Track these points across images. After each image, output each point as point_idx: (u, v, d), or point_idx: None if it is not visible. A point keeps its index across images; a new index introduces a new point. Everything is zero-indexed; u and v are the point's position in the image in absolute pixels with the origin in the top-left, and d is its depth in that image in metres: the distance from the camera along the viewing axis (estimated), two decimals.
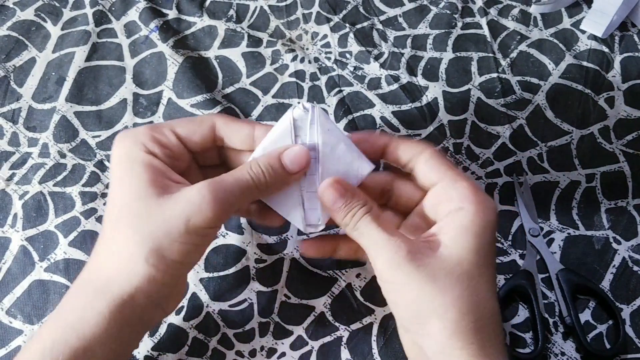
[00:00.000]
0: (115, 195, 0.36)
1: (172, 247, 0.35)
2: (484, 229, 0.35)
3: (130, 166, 0.36)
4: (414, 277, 0.34)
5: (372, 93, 0.56)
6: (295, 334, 0.46)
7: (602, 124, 0.54)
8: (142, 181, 0.35)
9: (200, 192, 0.34)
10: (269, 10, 0.61)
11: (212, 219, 0.35)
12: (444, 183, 0.37)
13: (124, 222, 0.35)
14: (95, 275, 0.36)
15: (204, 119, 0.39)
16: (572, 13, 0.60)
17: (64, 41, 0.58)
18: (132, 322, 0.36)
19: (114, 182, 0.37)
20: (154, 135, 0.37)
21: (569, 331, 0.45)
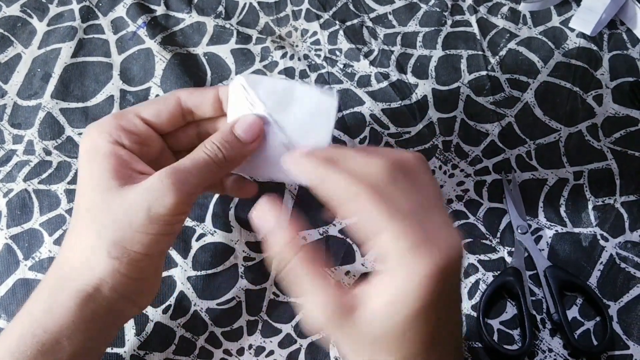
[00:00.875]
0: (80, 188, 0.36)
1: (135, 238, 0.34)
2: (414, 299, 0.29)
3: (94, 157, 0.35)
4: (342, 344, 0.32)
5: (361, 90, 0.56)
6: (283, 332, 0.45)
7: (590, 122, 0.54)
8: (105, 172, 0.35)
9: (160, 179, 0.34)
10: (258, 7, 0.60)
11: (175, 205, 0.34)
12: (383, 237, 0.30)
13: (86, 214, 0.35)
14: (61, 268, 0.36)
15: (167, 96, 0.39)
16: (561, 11, 0.60)
17: (50, 37, 0.58)
18: (100, 315, 0.35)
19: (79, 174, 0.37)
20: (120, 123, 0.37)
21: (557, 328, 0.45)
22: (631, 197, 0.50)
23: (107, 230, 0.34)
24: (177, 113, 0.39)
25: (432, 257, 0.29)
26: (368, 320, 0.30)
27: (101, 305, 0.35)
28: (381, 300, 0.30)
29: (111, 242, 0.34)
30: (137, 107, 0.38)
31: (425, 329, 0.30)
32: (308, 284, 0.32)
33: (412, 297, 0.29)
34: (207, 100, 0.39)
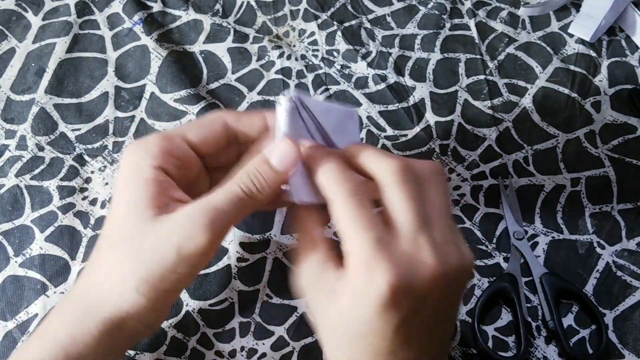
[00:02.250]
0: (114, 210, 0.35)
1: (163, 277, 0.33)
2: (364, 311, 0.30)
3: (135, 181, 0.34)
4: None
5: (359, 92, 0.55)
6: (276, 334, 0.45)
7: (588, 128, 0.54)
8: (143, 199, 0.33)
9: (191, 217, 0.32)
10: (255, 6, 0.60)
11: (205, 244, 0.32)
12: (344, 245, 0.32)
13: (117, 243, 0.34)
14: (87, 293, 0.35)
15: (215, 120, 0.38)
16: (561, 17, 0.60)
17: (45, 32, 0.57)
18: (120, 342, 0.36)
19: (115, 195, 0.35)
20: (166, 146, 0.35)
21: (552, 335, 0.44)
22: (628, 204, 0.50)
23: (138, 266, 0.33)
24: (223, 138, 0.38)
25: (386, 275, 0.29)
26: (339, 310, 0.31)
27: (123, 333, 0.35)
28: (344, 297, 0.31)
29: (140, 279, 0.33)
30: (184, 130, 0.37)
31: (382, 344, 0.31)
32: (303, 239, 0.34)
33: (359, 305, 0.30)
34: (255, 127, 0.38)
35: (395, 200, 0.31)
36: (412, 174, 0.32)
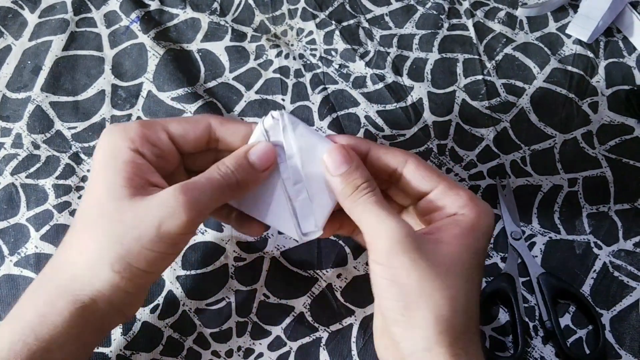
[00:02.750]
0: (91, 190, 0.35)
1: (140, 255, 0.33)
2: (483, 235, 0.35)
3: (112, 162, 0.34)
4: (418, 264, 0.32)
5: (357, 92, 0.55)
6: (273, 334, 0.45)
7: (585, 129, 0.54)
8: (119, 179, 0.34)
9: (174, 195, 0.33)
10: (254, 5, 0.60)
11: (186, 223, 0.33)
12: (438, 191, 0.36)
13: (94, 221, 0.34)
14: (59, 272, 0.34)
15: (199, 119, 0.38)
16: (558, 17, 0.60)
17: (41, 29, 0.57)
18: (92, 325, 0.35)
19: (92, 175, 0.35)
20: (145, 132, 0.36)
21: (549, 335, 0.44)
22: (625, 205, 0.50)
23: (114, 243, 0.33)
24: (203, 138, 0.38)
25: (487, 209, 0.36)
26: (450, 244, 0.34)
27: (95, 316, 0.34)
28: (454, 231, 0.34)
29: (116, 256, 0.33)
30: (166, 122, 0.37)
31: (480, 275, 0.35)
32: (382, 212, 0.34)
33: (480, 228, 0.35)
34: (238, 136, 0.38)
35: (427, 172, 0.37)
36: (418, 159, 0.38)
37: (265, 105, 0.54)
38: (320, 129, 0.53)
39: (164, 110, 0.53)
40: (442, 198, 0.36)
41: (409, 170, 0.37)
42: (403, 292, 0.33)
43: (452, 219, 0.35)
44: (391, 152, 0.38)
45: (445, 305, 0.32)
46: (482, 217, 0.35)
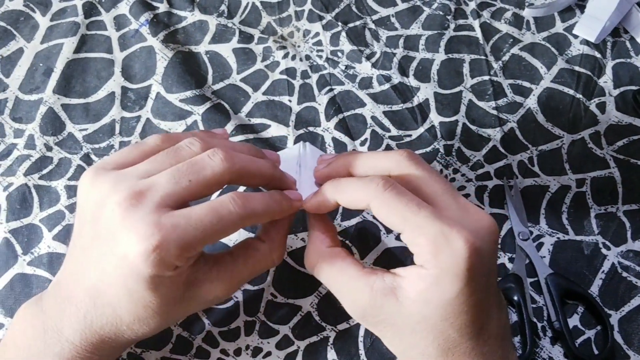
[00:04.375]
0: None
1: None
2: (452, 285, 0.31)
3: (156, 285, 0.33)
4: (381, 334, 0.35)
5: (363, 92, 0.55)
6: (281, 333, 0.45)
7: (593, 129, 0.54)
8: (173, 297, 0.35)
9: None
10: (260, 7, 0.60)
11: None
12: (405, 236, 0.33)
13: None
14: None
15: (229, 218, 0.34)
16: (565, 17, 0.60)
17: (53, 32, 0.57)
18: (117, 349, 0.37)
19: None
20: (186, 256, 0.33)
21: (557, 336, 0.44)
22: (634, 206, 0.50)
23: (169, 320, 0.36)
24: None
25: (454, 259, 0.31)
26: (407, 304, 0.32)
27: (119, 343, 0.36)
28: (418, 287, 0.32)
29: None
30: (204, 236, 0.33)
31: (466, 313, 0.32)
32: (349, 269, 0.35)
33: (447, 281, 0.31)
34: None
35: (421, 176, 0.34)
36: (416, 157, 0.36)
37: (272, 106, 0.54)
38: (327, 129, 0.53)
39: (173, 111, 0.54)
40: (408, 245, 0.33)
41: (374, 212, 0.34)
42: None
43: (418, 271, 0.32)
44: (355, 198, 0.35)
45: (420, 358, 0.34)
46: (447, 269, 0.31)
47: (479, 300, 0.32)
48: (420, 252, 0.32)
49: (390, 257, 0.47)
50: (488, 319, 0.33)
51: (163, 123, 0.53)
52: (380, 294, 0.33)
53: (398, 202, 0.33)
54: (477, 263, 0.31)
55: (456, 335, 0.32)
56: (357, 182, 0.35)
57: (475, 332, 0.33)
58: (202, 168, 0.34)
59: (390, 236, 0.48)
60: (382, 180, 0.33)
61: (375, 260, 0.47)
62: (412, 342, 0.33)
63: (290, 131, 0.53)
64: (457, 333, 0.32)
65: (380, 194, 0.33)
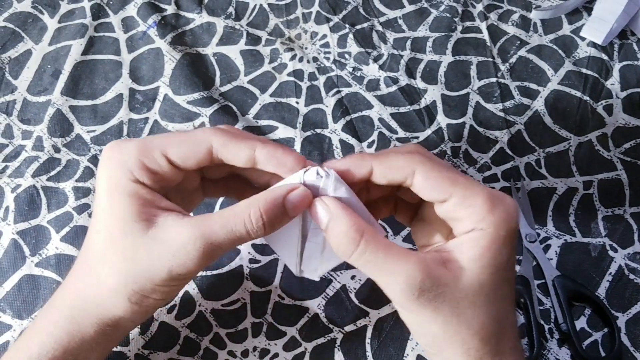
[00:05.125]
0: (101, 223, 0.35)
1: (154, 290, 0.34)
2: (504, 247, 0.32)
3: (116, 195, 0.34)
4: (439, 311, 0.32)
5: (370, 94, 0.55)
6: (288, 334, 0.45)
7: (600, 132, 0.54)
8: (128, 213, 0.33)
9: (185, 246, 0.32)
10: (268, 9, 0.60)
11: (197, 270, 0.34)
12: (452, 202, 0.33)
13: (109, 256, 0.34)
14: (78, 302, 0.35)
15: (199, 140, 0.35)
16: (572, 20, 0.60)
17: (61, 34, 0.58)
18: (114, 337, 0.37)
19: (99, 208, 0.35)
20: (143, 161, 0.34)
21: (565, 338, 0.44)
22: None
23: (129, 281, 0.34)
24: (206, 159, 0.35)
25: (507, 215, 0.32)
26: (468, 270, 0.32)
27: (116, 331, 0.37)
28: (473, 253, 0.32)
29: (132, 292, 0.34)
30: (164, 145, 0.35)
31: (509, 286, 0.33)
32: (394, 246, 0.32)
33: (502, 239, 0.32)
34: (242, 158, 0.35)
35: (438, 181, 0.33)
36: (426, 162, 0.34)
37: (279, 107, 0.55)
38: (334, 131, 0.53)
39: (180, 113, 0.54)
40: (457, 210, 0.33)
41: (417, 181, 0.33)
42: (430, 337, 0.33)
43: (470, 237, 0.32)
44: (395, 165, 0.34)
45: (473, 339, 0.32)
46: (501, 226, 0.32)
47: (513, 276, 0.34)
48: (474, 212, 0.32)
49: None
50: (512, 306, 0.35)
51: (171, 125, 0.53)
52: (436, 265, 0.32)
53: (444, 168, 0.34)
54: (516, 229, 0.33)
55: (509, 308, 0.33)
56: (398, 152, 0.35)
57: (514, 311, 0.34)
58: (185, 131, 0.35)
59: (398, 237, 0.48)
60: (424, 155, 0.34)
61: None
62: (470, 317, 0.32)
63: (297, 133, 0.53)
64: (510, 306, 0.34)
65: (427, 161, 0.33)
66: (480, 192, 0.32)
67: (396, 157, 0.34)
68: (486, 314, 0.32)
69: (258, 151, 0.34)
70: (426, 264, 0.31)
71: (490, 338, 0.32)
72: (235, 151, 0.34)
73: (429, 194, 0.33)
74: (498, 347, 0.33)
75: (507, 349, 0.33)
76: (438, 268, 0.32)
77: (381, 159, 0.34)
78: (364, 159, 0.34)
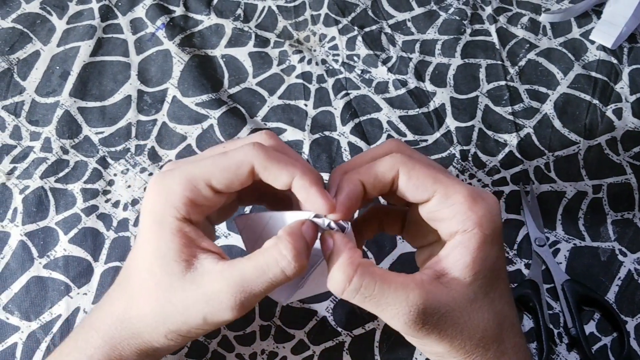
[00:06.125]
0: (143, 256, 0.35)
1: (189, 332, 0.35)
2: (492, 247, 0.32)
3: (160, 232, 0.34)
4: (443, 335, 0.32)
5: (379, 97, 0.55)
6: (296, 338, 0.45)
7: (609, 135, 0.53)
8: (170, 251, 0.33)
9: (219, 296, 0.32)
10: (277, 11, 0.60)
11: (230, 319, 0.33)
12: (435, 201, 0.33)
13: (150, 292, 0.34)
14: (120, 326, 0.35)
15: (240, 162, 0.34)
16: (582, 23, 0.60)
17: (69, 35, 0.58)
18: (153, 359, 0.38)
19: (143, 240, 0.35)
20: (189, 197, 0.34)
21: (574, 342, 0.44)
22: None
23: (167, 320, 0.34)
24: (248, 181, 0.35)
25: (489, 212, 0.32)
26: (456, 284, 0.32)
27: (155, 358, 0.37)
28: (463, 261, 0.32)
29: (168, 330, 0.34)
30: (207, 175, 0.34)
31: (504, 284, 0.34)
32: (390, 275, 0.32)
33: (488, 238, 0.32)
34: (279, 183, 0.35)
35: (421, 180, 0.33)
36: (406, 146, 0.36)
37: (288, 110, 0.55)
38: (343, 134, 0.53)
39: (189, 115, 0.54)
40: (440, 209, 0.33)
41: (401, 182, 0.34)
42: (437, 355, 0.34)
43: (456, 242, 0.32)
44: (380, 173, 0.34)
45: (478, 348, 0.33)
46: (485, 226, 0.32)
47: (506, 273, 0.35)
48: (457, 212, 0.32)
49: (406, 262, 0.47)
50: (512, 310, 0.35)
51: (179, 127, 0.53)
52: (433, 285, 0.32)
53: (426, 166, 0.34)
54: (501, 225, 0.33)
55: (506, 307, 0.34)
56: (377, 154, 0.35)
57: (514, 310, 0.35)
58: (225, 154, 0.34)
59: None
60: (404, 153, 0.34)
61: (391, 265, 0.47)
62: (472, 328, 0.32)
63: (306, 135, 0.53)
64: (508, 304, 0.34)
65: (408, 160, 0.34)
66: (461, 190, 0.32)
67: (378, 164, 0.34)
68: (485, 320, 0.33)
69: (295, 181, 0.34)
70: (424, 287, 0.31)
71: (492, 342, 0.33)
72: (275, 176, 0.34)
73: (412, 194, 0.34)
74: (500, 348, 0.33)
75: (509, 348, 0.33)
76: (435, 288, 0.32)
77: (365, 173, 0.34)
78: (352, 180, 0.34)
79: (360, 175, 0.34)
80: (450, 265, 0.32)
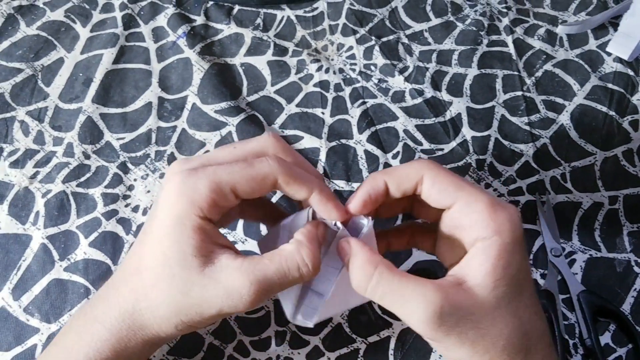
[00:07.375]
0: (160, 250, 0.35)
1: (201, 323, 0.36)
2: (513, 256, 0.33)
3: (182, 228, 0.34)
4: (463, 337, 0.32)
5: (395, 106, 0.56)
6: (311, 344, 0.45)
7: (626, 147, 0.53)
8: (189, 247, 0.34)
9: (240, 291, 0.33)
10: (295, 20, 0.61)
11: (245, 310, 0.35)
12: (457, 207, 0.34)
13: (164, 285, 0.35)
14: (127, 318, 0.36)
15: (266, 175, 0.35)
16: (599, 35, 0.60)
17: (93, 43, 0.59)
18: (152, 351, 0.39)
19: (160, 234, 0.35)
20: (214, 198, 0.35)
21: (589, 353, 0.44)
22: None
23: (180, 312, 0.35)
24: (267, 192, 0.37)
25: (509, 221, 0.33)
26: (481, 286, 0.32)
27: (157, 347, 0.39)
28: (484, 269, 0.32)
29: (180, 321, 0.35)
30: (234, 181, 0.35)
31: (530, 295, 0.34)
32: (409, 277, 0.33)
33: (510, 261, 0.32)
34: (298, 196, 0.37)
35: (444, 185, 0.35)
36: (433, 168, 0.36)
37: (305, 118, 0.55)
38: (359, 142, 0.54)
39: (208, 122, 0.55)
40: (462, 216, 0.34)
41: (425, 186, 0.35)
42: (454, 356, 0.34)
43: (477, 250, 0.33)
44: (405, 174, 0.36)
45: (502, 356, 0.32)
46: (505, 234, 0.33)
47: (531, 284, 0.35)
48: (477, 219, 0.33)
49: (421, 271, 0.48)
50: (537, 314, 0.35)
51: (198, 133, 0.54)
52: (453, 288, 0.32)
53: (451, 174, 0.35)
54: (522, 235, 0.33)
55: (535, 317, 0.34)
56: (405, 164, 0.37)
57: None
58: (252, 165, 0.35)
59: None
60: (431, 162, 0.36)
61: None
62: (495, 334, 0.32)
63: (322, 143, 0.54)
64: (536, 315, 0.34)
65: (434, 167, 0.35)
66: (483, 198, 0.33)
67: (405, 167, 0.36)
68: (509, 327, 0.32)
69: (314, 196, 0.36)
70: (443, 289, 0.32)
71: (519, 352, 0.33)
72: (295, 190, 0.36)
73: (435, 198, 0.35)
74: (527, 358, 0.33)
75: (538, 349, 0.33)
76: (455, 291, 0.32)
77: (391, 173, 0.36)
78: (376, 178, 0.36)
79: (385, 175, 0.36)
80: (471, 272, 0.33)
